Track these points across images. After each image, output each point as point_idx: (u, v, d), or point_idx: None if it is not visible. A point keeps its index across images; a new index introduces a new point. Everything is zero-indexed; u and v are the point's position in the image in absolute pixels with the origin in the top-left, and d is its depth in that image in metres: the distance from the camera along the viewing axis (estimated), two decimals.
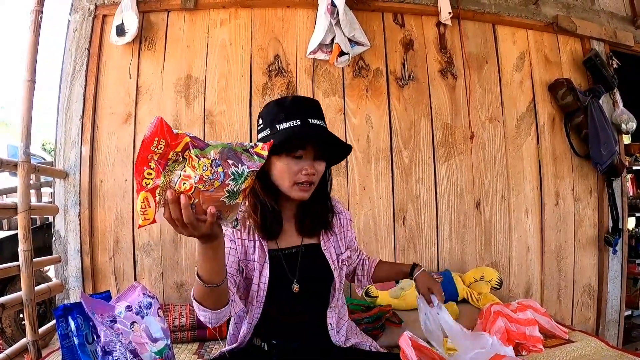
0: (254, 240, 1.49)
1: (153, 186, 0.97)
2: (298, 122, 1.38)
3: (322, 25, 2.68)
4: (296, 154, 1.39)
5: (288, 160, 1.39)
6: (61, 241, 2.64)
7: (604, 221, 3.25)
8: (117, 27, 2.64)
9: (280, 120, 1.40)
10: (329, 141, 1.43)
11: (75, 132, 2.67)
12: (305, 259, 1.52)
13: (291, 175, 1.39)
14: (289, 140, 1.36)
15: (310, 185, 1.42)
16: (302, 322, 1.53)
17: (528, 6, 3.21)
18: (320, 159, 1.44)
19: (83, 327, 1.39)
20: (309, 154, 1.40)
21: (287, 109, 1.42)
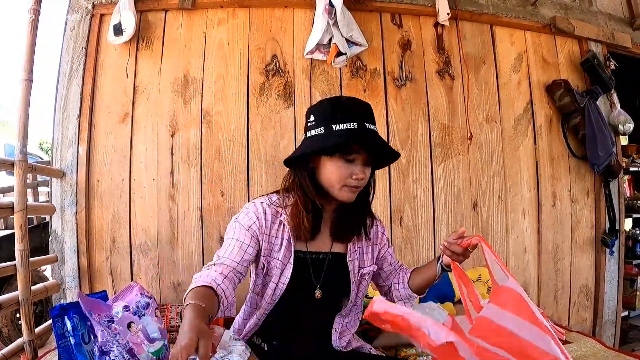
0: (281, 238, 1.47)
1: None
2: (355, 125, 1.35)
3: (320, 25, 2.68)
4: (350, 157, 1.37)
5: (341, 162, 1.37)
6: (58, 241, 2.64)
7: (601, 222, 3.26)
8: (114, 26, 2.63)
9: (336, 120, 1.37)
10: (383, 149, 1.41)
11: (72, 132, 2.67)
12: (330, 266, 1.51)
13: (342, 177, 1.37)
14: (347, 142, 1.35)
15: (358, 188, 1.41)
16: (308, 325, 1.52)
17: (526, 7, 3.21)
18: (369, 165, 1.43)
19: (79, 327, 1.39)
20: (361, 158, 1.39)
21: (343, 109, 1.40)
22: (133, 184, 2.69)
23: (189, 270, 2.68)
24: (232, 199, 2.73)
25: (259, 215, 1.46)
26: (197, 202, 2.71)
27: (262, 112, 2.79)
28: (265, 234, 1.46)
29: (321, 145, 1.36)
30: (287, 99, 2.81)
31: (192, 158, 2.72)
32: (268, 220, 1.47)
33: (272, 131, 2.78)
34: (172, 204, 2.69)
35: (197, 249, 2.69)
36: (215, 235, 2.70)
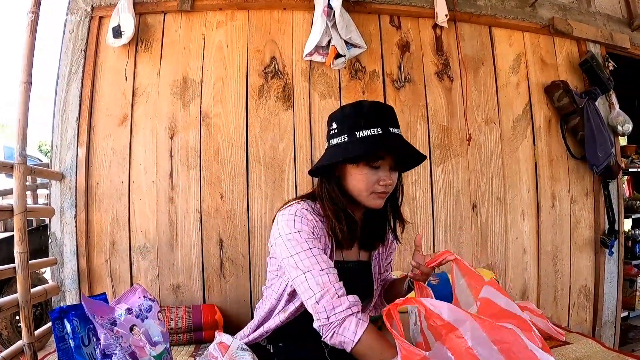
0: (325, 244, 1.43)
1: None
2: (379, 131, 1.33)
3: (319, 27, 2.69)
4: (375, 164, 1.36)
5: (367, 170, 1.36)
6: (57, 243, 2.64)
7: (600, 223, 3.26)
8: (113, 28, 2.64)
9: (360, 127, 1.35)
10: (408, 153, 1.39)
11: (71, 134, 2.67)
12: (357, 274, 1.52)
13: (369, 185, 1.36)
14: (371, 150, 1.33)
15: (385, 194, 1.40)
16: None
17: (524, 8, 3.22)
18: (396, 170, 1.42)
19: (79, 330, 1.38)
20: (387, 164, 1.38)
21: (366, 115, 1.37)
22: (132, 186, 2.69)
23: (189, 272, 2.68)
24: (231, 201, 2.73)
25: (312, 222, 1.40)
26: (197, 204, 2.71)
27: (261, 114, 2.79)
28: (321, 242, 1.41)
29: (346, 154, 1.34)
30: (286, 101, 2.81)
31: (191, 160, 2.73)
32: (317, 227, 1.41)
33: (271, 133, 2.79)
34: (171, 206, 2.69)
35: (197, 251, 2.69)
36: (214, 237, 2.70)
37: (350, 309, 1.27)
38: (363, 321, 1.26)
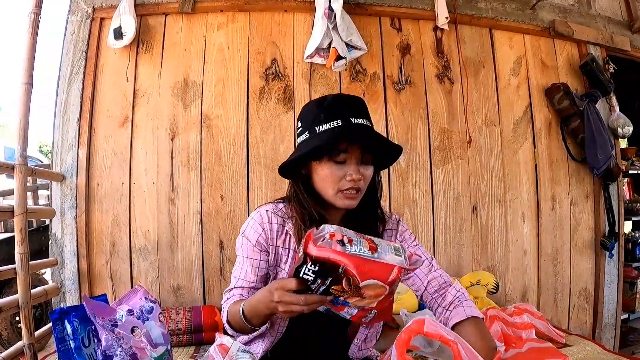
0: (288, 248, 1.39)
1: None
2: (339, 123, 1.24)
3: (320, 29, 2.69)
4: (339, 158, 1.26)
5: (330, 165, 1.27)
6: (57, 244, 2.64)
7: (600, 225, 3.26)
8: (114, 30, 2.64)
9: (320, 121, 1.27)
10: (375, 142, 1.29)
11: (72, 135, 2.67)
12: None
13: (334, 182, 1.27)
14: (330, 143, 1.24)
15: (357, 192, 1.28)
16: (320, 337, 1.44)
17: (525, 11, 3.22)
18: (367, 163, 1.31)
19: (79, 331, 1.38)
20: (354, 157, 1.27)
21: (327, 108, 1.29)
22: (133, 187, 2.69)
23: (189, 274, 2.68)
24: (232, 202, 2.73)
25: (265, 226, 1.37)
26: (197, 206, 2.71)
27: (261, 116, 2.79)
28: (272, 245, 1.38)
29: (305, 150, 1.28)
30: (286, 103, 2.82)
31: (192, 162, 2.73)
32: (274, 231, 1.38)
33: (272, 135, 2.79)
34: (171, 208, 2.69)
35: (197, 252, 2.69)
36: (214, 239, 2.70)
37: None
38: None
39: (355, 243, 0.96)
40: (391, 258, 0.97)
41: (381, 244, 0.99)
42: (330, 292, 0.99)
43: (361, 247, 0.96)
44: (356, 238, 0.98)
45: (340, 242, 0.95)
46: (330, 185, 1.28)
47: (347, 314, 1.02)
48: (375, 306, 1.00)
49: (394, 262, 0.96)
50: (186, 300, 2.68)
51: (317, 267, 0.95)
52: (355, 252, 0.94)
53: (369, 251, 0.95)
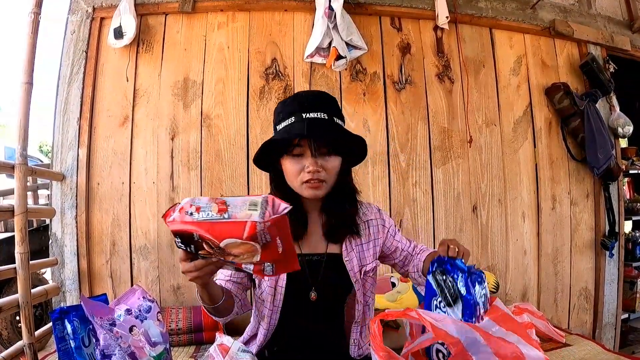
0: None
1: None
2: (293, 120, 1.32)
3: (320, 29, 2.69)
4: (295, 152, 1.33)
5: (290, 160, 1.34)
6: (58, 244, 2.64)
7: (601, 225, 3.26)
8: (114, 29, 2.65)
9: (279, 120, 1.36)
10: (325, 132, 1.33)
11: (72, 135, 2.67)
12: (327, 267, 1.45)
13: (295, 175, 1.34)
14: (280, 140, 1.34)
15: (321, 182, 1.34)
16: (316, 333, 1.47)
17: (525, 10, 3.22)
18: (327, 154, 1.35)
19: (80, 330, 1.38)
20: (309, 150, 1.32)
21: (286, 106, 1.37)
22: (133, 187, 2.69)
23: None
24: None
25: None
26: None
27: (262, 116, 2.79)
28: None
29: (259, 149, 1.39)
30: None
31: (192, 161, 2.73)
32: None
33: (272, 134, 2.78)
34: None
35: None
36: None
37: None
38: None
39: (203, 209, 1.01)
40: (244, 215, 1.00)
41: (234, 203, 1.03)
42: (205, 256, 1.06)
43: (209, 212, 1.00)
44: (206, 204, 1.02)
45: (189, 213, 1.01)
46: (293, 178, 1.36)
47: (247, 269, 1.07)
48: (261, 259, 1.04)
49: (245, 219, 0.99)
50: (186, 300, 2.68)
51: (179, 239, 1.04)
52: (203, 218, 1.00)
53: (217, 214, 1.00)
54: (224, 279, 1.45)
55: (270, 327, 1.46)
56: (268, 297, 1.43)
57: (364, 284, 1.49)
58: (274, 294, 1.43)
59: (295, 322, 1.46)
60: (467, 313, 1.10)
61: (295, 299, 1.44)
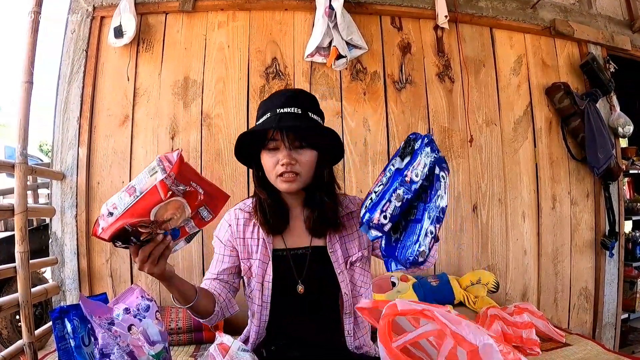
0: (257, 238, 1.49)
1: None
2: (269, 115, 1.37)
3: (320, 28, 2.69)
4: (270, 146, 1.38)
5: (266, 154, 1.39)
6: (58, 243, 2.64)
7: (601, 224, 3.26)
8: (115, 28, 2.64)
9: (258, 117, 1.43)
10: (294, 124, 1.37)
11: (72, 134, 2.67)
12: (313, 260, 1.47)
13: (271, 168, 1.38)
14: (256, 133, 1.39)
15: (296, 175, 1.37)
16: (309, 327, 1.49)
17: (525, 10, 3.22)
18: (301, 147, 1.38)
19: (79, 329, 1.39)
20: (283, 143, 1.36)
21: (264, 104, 1.44)
22: None
23: (189, 273, 2.68)
24: (232, 201, 2.71)
25: (231, 222, 1.53)
26: None
27: None
28: (239, 238, 1.50)
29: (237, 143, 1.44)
30: None
31: (192, 161, 2.73)
32: (240, 225, 1.52)
33: None
34: None
35: (197, 250, 2.69)
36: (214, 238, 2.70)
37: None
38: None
39: (118, 203, 1.07)
40: (151, 182, 1.07)
41: (138, 180, 1.09)
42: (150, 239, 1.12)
43: (124, 201, 1.07)
44: (118, 198, 1.08)
45: (109, 214, 1.07)
46: (270, 172, 1.40)
47: (190, 230, 1.20)
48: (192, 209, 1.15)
49: (152, 184, 1.06)
50: None
51: (117, 241, 1.08)
52: (123, 209, 1.06)
53: (130, 197, 1.06)
54: (210, 277, 1.52)
55: (261, 323, 1.48)
56: (256, 294, 1.46)
57: (352, 275, 1.50)
58: (262, 289, 1.46)
59: (286, 318, 1.48)
60: (407, 166, 1.13)
61: (283, 294, 1.47)
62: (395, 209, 1.12)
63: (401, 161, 1.17)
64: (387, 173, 1.19)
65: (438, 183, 1.14)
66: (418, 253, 1.12)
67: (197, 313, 1.39)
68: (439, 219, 1.16)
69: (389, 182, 1.16)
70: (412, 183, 1.11)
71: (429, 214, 1.14)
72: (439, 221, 1.17)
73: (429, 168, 1.12)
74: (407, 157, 1.15)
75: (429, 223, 1.14)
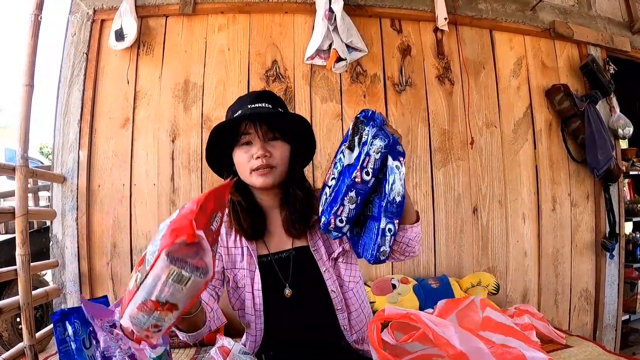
0: (241, 247, 1.47)
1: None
2: (240, 112, 1.36)
3: (320, 31, 2.70)
4: (243, 140, 1.36)
5: (239, 150, 1.36)
6: (58, 245, 2.64)
7: (601, 226, 3.26)
8: (115, 32, 2.65)
9: (230, 116, 1.41)
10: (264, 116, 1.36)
11: (73, 137, 2.68)
12: (297, 262, 1.46)
13: (245, 163, 1.35)
14: (228, 126, 1.35)
15: (271, 169, 1.35)
16: (303, 329, 1.47)
17: (525, 12, 3.22)
18: (274, 139, 1.38)
19: (80, 332, 1.39)
20: (256, 136, 1.35)
21: (231, 107, 1.44)
22: (134, 189, 2.69)
23: None
24: None
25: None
26: None
27: None
28: (223, 247, 1.47)
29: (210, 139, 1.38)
30: (287, 105, 2.82)
31: (193, 163, 2.73)
32: (223, 234, 1.48)
33: None
34: (172, 209, 2.69)
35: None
36: None
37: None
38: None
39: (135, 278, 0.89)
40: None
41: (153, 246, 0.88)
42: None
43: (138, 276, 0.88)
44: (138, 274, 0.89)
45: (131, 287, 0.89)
46: (244, 168, 1.36)
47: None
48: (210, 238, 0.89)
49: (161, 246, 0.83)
50: None
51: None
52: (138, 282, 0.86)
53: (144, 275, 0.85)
54: None
55: (257, 332, 1.46)
56: (248, 303, 1.45)
57: (338, 271, 1.49)
58: (253, 298, 1.45)
59: (280, 323, 1.47)
60: (356, 163, 1.10)
61: (272, 299, 1.45)
62: (350, 212, 1.10)
63: (350, 153, 1.14)
64: (338, 165, 1.16)
65: (392, 175, 1.09)
66: (379, 253, 1.10)
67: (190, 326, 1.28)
68: (397, 213, 1.11)
69: (340, 179, 1.14)
70: (363, 183, 1.08)
71: (385, 211, 1.10)
72: (398, 216, 1.12)
73: (381, 160, 1.09)
74: (355, 149, 1.13)
75: (385, 222, 1.10)
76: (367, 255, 1.12)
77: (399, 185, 1.09)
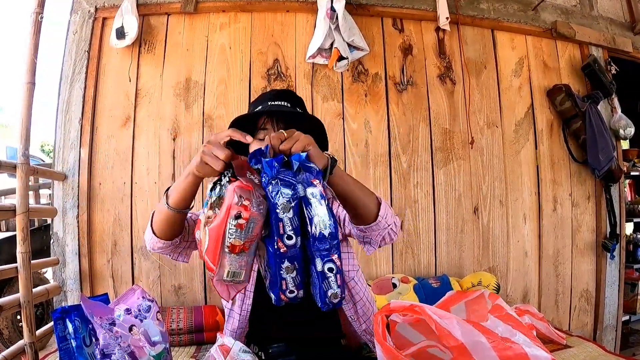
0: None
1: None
2: (259, 108, 1.39)
3: (322, 29, 2.70)
4: (259, 136, 1.36)
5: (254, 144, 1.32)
6: (59, 243, 2.64)
7: (602, 226, 3.26)
8: (117, 30, 2.65)
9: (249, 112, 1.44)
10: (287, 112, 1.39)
11: (74, 135, 2.68)
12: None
13: None
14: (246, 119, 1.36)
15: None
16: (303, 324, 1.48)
17: (527, 12, 3.22)
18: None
19: (81, 330, 1.39)
20: (273, 130, 1.35)
21: (253, 103, 1.47)
22: (135, 187, 2.69)
23: (190, 274, 2.68)
24: None
25: None
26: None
27: None
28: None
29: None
30: None
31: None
32: None
33: None
34: None
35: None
36: None
37: None
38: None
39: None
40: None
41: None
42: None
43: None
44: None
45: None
46: None
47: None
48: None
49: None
50: (187, 300, 2.68)
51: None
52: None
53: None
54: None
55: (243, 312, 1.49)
56: (237, 301, 1.48)
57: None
58: (243, 298, 1.48)
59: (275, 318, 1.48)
60: (272, 232, 0.99)
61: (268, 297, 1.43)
62: (295, 279, 1.00)
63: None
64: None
65: (310, 209, 0.97)
66: (327, 299, 1.00)
67: (169, 225, 1.35)
68: (332, 246, 0.99)
69: (269, 257, 1.03)
70: (291, 248, 0.98)
71: (317, 250, 0.98)
72: (333, 249, 0.99)
73: (297, 212, 0.98)
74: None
75: (321, 263, 0.98)
76: (320, 305, 1.03)
77: (321, 215, 0.97)
